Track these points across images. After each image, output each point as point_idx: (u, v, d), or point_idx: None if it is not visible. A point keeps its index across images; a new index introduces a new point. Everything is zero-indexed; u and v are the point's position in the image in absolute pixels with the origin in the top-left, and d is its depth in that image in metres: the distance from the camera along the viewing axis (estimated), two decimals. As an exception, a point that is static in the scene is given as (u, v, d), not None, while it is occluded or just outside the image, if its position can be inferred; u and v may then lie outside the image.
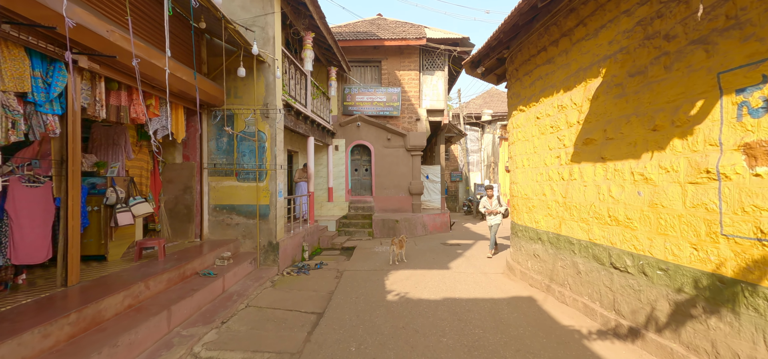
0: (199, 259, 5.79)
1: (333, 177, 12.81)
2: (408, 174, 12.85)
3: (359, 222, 11.98)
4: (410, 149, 12.74)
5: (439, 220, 13.00)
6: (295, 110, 8.56)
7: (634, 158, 4.07)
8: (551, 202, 5.72)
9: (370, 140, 12.90)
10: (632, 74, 4.08)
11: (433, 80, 12.91)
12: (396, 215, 12.41)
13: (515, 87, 6.98)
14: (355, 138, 12.91)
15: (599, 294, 4.63)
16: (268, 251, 7.30)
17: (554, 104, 5.63)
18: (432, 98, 12.89)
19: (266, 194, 7.33)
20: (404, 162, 12.85)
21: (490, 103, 26.03)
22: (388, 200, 12.89)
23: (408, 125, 12.92)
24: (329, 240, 10.41)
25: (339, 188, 12.87)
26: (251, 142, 7.32)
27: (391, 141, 12.84)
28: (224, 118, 7.35)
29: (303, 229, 9.15)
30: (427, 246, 10.32)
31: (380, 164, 12.89)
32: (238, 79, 7.31)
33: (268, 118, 7.33)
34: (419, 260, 8.55)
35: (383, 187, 12.91)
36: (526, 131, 6.54)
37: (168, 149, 7.15)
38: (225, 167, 7.37)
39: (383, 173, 12.90)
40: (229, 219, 7.37)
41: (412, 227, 12.04)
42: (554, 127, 5.63)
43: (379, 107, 12.78)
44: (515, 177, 7.09)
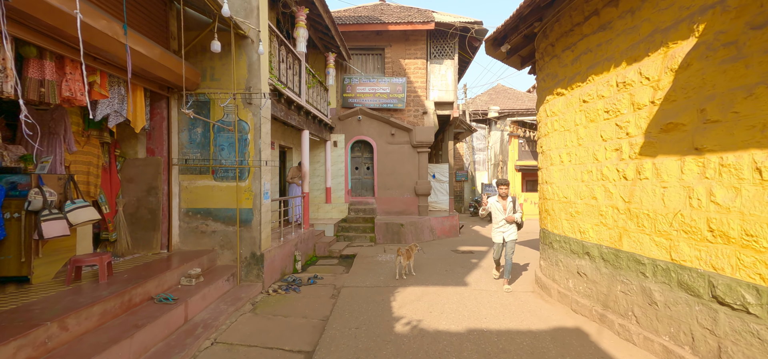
0: (157, 279, 4.51)
1: (331, 176, 11.52)
2: (414, 173, 11.56)
3: (360, 226, 10.70)
4: (416, 145, 11.45)
5: (447, 223, 11.71)
6: (286, 97, 7.27)
7: (760, 148, 2.78)
8: (606, 207, 4.43)
9: (372, 135, 11.61)
10: (758, 26, 2.79)
11: (441, 70, 11.62)
12: (401, 218, 11.13)
13: (550, 66, 5.69)
14: (356, 133, 11.63)
15: (691, 337, 3.33)
16: (250, 264, 6.02)
17: (611, 81, 4.33)
18: (440, 89, 11.60)
19: (249, 195, 6.05)
20: (410, 160, 11.56)
21: (496, 100, 24.72)
22: (391, 201, 11.61)
23: (414, 118, 11.63)
24: (326, 247, 9.13)
25: (338, 188, 11.59)
26: (231, 133, 6.04)
27: (395, 136, 11.55)
28: (199, 104, 6.06)
29: (296, 235, 7.87)
30: (436, 254, 9.03)
31: (383, 162, 11.61)
32: (216, 58, 6.04)
33: (251, 104, 6.04)
34: (430, 272, 7.26)
35: (386, 187, 11.63)
36: (567, 118, 5.24)
37: (129, 142, 5.87)
38: (199, 163, 6.09)
39: (386, 171, 11.61)
40: (204, 226, 6.08)
41: (419, 232, 10.75)
42: (612, 111, 4.33)
43: (382, 99, 11.50)
44: (549, 176, 5.79)
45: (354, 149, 11.95)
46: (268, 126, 6.41)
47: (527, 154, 17.74)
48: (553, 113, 5.61)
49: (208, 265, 5.74)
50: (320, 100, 10.40)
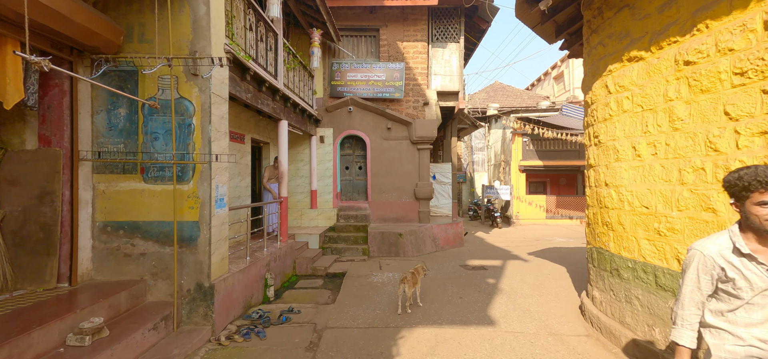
0: (20, 341, 2.69)
1: (317, 177, 9.73)
2: (413, 173, 9.84)
3: (351, 236, 8.92)
4: (416, 142, 9.73)
5: (451, 231, 10.01)
6: (254, 74, 5.49)
7: None
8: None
9: (365, 129, 9.86)
10: None
11: (444, 54, 9.93)
12: (398, 226, 9.39)
13: (616, 23, 4.01)
14: (346, 127, 9.86)
15: None
16: (195, 300, 4.21)
17: (750, 22, 2.67)
18: (444, 77, 9.91)
19: (194, 203, 4.25)
20: (408, 158, 9.84)
21: (494, 97, 23.23)
22: (387, 206, 9.87)
23: (413, 110, 9.92)
24: (309, 263, 7.34)
25: (325, 191, 9.80)
26: (169, 117, 4.24)
27: (392, 131, 9.81)
28: (122, 75, 4.25)
29: (268, 252, 6.07)
30: (443, 272, 7.31)
31: (378, 161, 9.87)
32: (147, 10, 4.23)
33: (197, 77, 4.25)
34: (441, 301, 5.52)
35: (382, 190, 9.88)
36: (649, 92, 3.57)
37: (12, 126, 4.02)
38: (122, 158, 4.27)
39: (382, 171, 9.87)
40: (130, 246, 4.25)
41: (420, 242, 9.03)
42: (753, 70, 2.67)
43: (376, 88, 9.76)
44: (612, 176, 4.12)
45: (344, 146, 10.18)
46: (224, 109, 4.61)
47: (532, 153, 16.19)
48: (621, 86, 3.94)
49: (128, 305, 3.91)
50: (304, 87, 8.62)
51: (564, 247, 10.56)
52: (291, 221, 9.43)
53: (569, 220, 16.00)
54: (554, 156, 16.04)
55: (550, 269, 7.62)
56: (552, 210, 16.15)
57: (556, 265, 8.00)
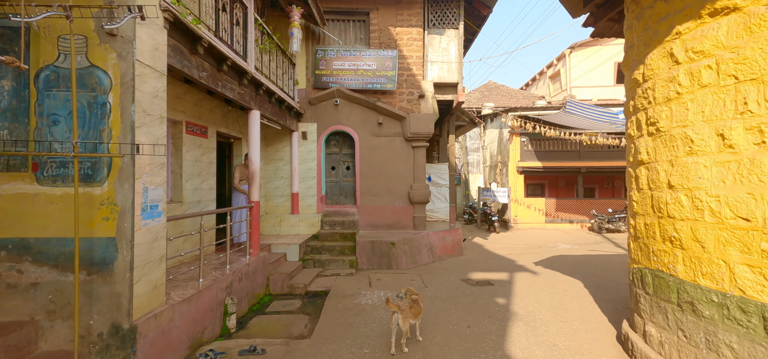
0: None
1: (299, 178, 8.52)
2: (407, 174, 8.70)
3: (337, 245, 7.72)
4: (411, 138, 8.60)
5: (449, 239, 8.89)
6: (209, 47, 4.28)
7: None
8: None
9: (353, 124, 8.69)
10: None
11: (442, 42, 8.83)
12: (391, 234, 8.23)
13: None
14: (332, 122, 8.68)
15: None
16: (109, 348, 2.98)
17: None
18: (441, 67, 8.80)
19: (109, 212, 3.02)
20: (402, 157, 8.70)
21: (488, 97, 22.29)
22: (378, 211, 8.70)
23: (407, 104, 8.79)
24: (286, 279, 6.12)
25: (308, 194, 8.59)
26: (72, 93, 3.00)
27: (383, 127, 8.66)
28: (5, 34, 3.01)
29: (231, 270, 4.85)
30: (444, 288, 6.17)
31: (368, 160, 8.70)
32: (44, -56, 3.00)
33: (115, 38, 3.04)
34: (444, 333, 4.36)
35: (372, 193, 8.71)
36: (751, 56, 2.49)
37: None
38: (5, 148, 3.03)
39: (372, 172, 8.71)
40: (16, 273, 3.01)
41: (415, 253, 7.88)
42: None
43: (366, 78, 8.60)
44: (680, 174, 3.03)
45: (330, 143, 8.99)
46: (158, 85, 3.39)
47: (530, 154, 15.22)
48: (697, 52, 2.85)
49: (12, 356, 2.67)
50: (283, 75, 7.42)
51: (570, 255, 9.54)
52: (268, 228, 8.19)
53: (570, 224, 15.06)
54: (554, 157, 15.09)
55: (564, 284, 6.55)
56: (552, 214, 15.20)
57: (569, 279, 6.94)
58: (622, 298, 5.75)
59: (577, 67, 19.01)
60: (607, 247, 10.90)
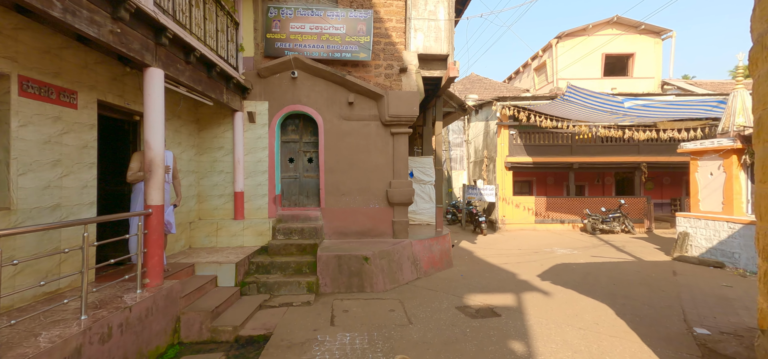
0: None
1: (244, 173, 6.47)
2: (385, 168, 6.83)
3: (291, 262, 5.74)
4: (390, 123, 6.72)
5: (437, 248, 7.11)
6: None
7: None
8: None
9: (316, 103, 6.72)
10: None
11: (428, 3, 6.99)
12: (364, 244, 6.34)
13: None
14: (289, 100, 6.67)
15: None
16: None
17: None
18: (427, 35, 6.97)
19: None
20: (379, 146, 6.82)
21: (471, 89, 20.82)
22: (349, 215, 6.78)
23: (385, 80, 6.91)
24: (208, 319, 4.10)
25: (257, 193, 6.56)
26: None
27: (355, 107, 6.74)
28: None
29: (89, 321, 2.81)
30: (436, 323, 4.36)
31: (336, 150, 6.76)
32: None
33: None
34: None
35: (340, 192, 6.79)
36: None
37: None
38: None
39: (341, 165, 6.78)
40: None
41: (395, 268, 6.03)
42: None
43: (333, 45, 6.65)
44: None
45: (286, 128, 6.98)
46: None
47: (519, 148, 13.73)
48: None
49: None
50: (218, 34, 5.36)
51: (574, 263, 8.02)
52: (200, 239, 6.11)
53: (561, 224, 13.70)
54: (545, 152, 13.67)
55: (590, 311, 4.89)
56: (542, 214, 13.79)
57: (591, 301, 5.32)
58: (676, 334, 4.16)
59: (563, 58, 17.77)
60: (607, 251, 9.51)
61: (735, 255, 7.54)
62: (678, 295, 5.69)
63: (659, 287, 6.14)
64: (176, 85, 4.46)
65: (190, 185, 6.12)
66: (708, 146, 8.25)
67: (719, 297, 5.55)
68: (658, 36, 17.26)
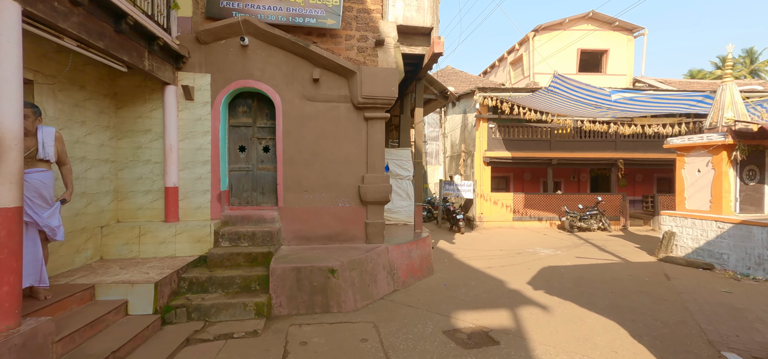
0: None
1: (179, 164, 5.11)
2: (357, 160, 5.70)
3: (237, 276, 4.49)
4: (364, 105, 5.59)
5: (417, 254, 6.11)
6: None
7: None
8: None
9: (273, 79, 5.46)
10: None
11: (410, -33, 5.91)
12: (330, 252, 5.20)
13: None
14: (239, 74, 5.36)
15: None
16: None
17: None
18: (408, 3, 5.88)
19: None
20: (350, 134, 5.67)
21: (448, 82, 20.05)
22: (312, 216, 5.60)
23: (358, 54, 5.76)
24: (100, 372, 2.83)
25: (195, 188, 5.22)
26: None
27: (321, 86, 5.55)
28: None
29: None
30: (417, 355, 3.36)
31: (297, 137, 5.55)
32: None
33: None
34: None
35: (303, 188, 5.59)
36: None
37: None
38: None
39: (304, 156, 5.57)
40: None
41: (368, 281, 4.95)
42: None
43: (294, 8, 5.41)
44: None
45: (236, 109, 5.67)
46: None
47: (498, 143, 13.07)
48: None
49: None
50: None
51: (561, 266, 7.36)
52: (116, 248, 4.71)
53: (539, 222, 13.22)
54: (524, 147, 13.10)
55: (602, 333, 4.07)
56: (520, 211, 13.24)
57: (599, 318, 4.53)
58: None
59: (539, 52, 17.37)
60: (590, 252, 8.98)
61: (724, 257, 7.14)
62: (684, 305, 5.06)
63: (659, 295, 5.50)
64: (56, 34, 3.09)
65: (103, 178, 4.70)
66: (696, 141, 7.81)
67: (727, 308, 4.97)
68: (631, 33, 17.26)
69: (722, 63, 7.75)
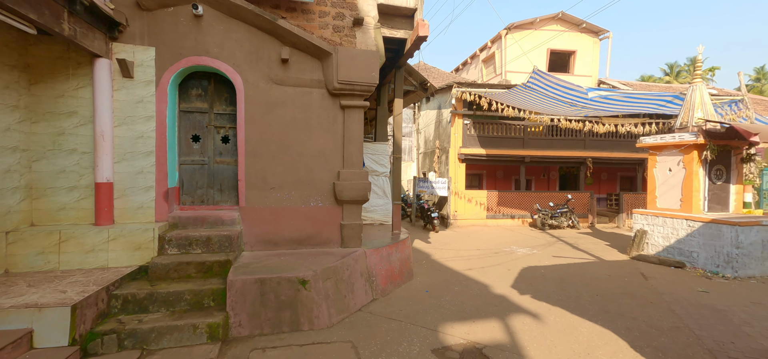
0: None
1: (114, 154, 4.20)
2: (332, 153, 5.04)
3: (186, 292, 3.71)
4: (340, 91, 4.93)
5: (396, 258, 5.57)
6: None
7: None
8: None
9: (234, 57, 4.65)
10: None
11: (392, -60, 5.30)
12: (299, 259, 4.53)
13: None
14: (191, 49, 4.51)
15: None
16: None
17: None
18: (390, -19, 5.29)
19: None
20: (324, 123, 5.00)
21: (420, 76, 19.68)
22: (280, 216, 4.88)
23: (334, 34, 5.09)
24: None
25: (136, 185, 4.33)
26: None
27: (291, 67, 4.83)
28: None
29: None
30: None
31: (263, 126, 4.79)
32: None
33: None
34: None
35: (269, 184, 4.85)
36: None
37: None
38: None
39: (270, 147, 4.83)
40: None
41: (345, 291, 4.34)
42: None
43: (259, -24, 4.64)
44: None
45: (188, 91, 4.82)
46: None
47: (473, 139, 12.85)
48: None
49: None
50: None
51: (542, 267, 7.17)
52: (28, 259, 3.75)
53: (511, 220, 13.20)
54: (498, 144, 12.98)
55: (600, 345, 3.76)
56: (493, 208, 13.13)
57: (593, 327, 4.24)
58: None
59: (511, 51, 17.43)
60: (565, 250, 8.94)
61: (693, 255, 7.24)
62: (670, 308, 4.93)
63: (643, 297, 5.37)
64: None
65: (10, 171, 3.72)
66: (669, 140, 7.89)
67: (711, 310, 4.89)
68: (597, 36, 17.76)
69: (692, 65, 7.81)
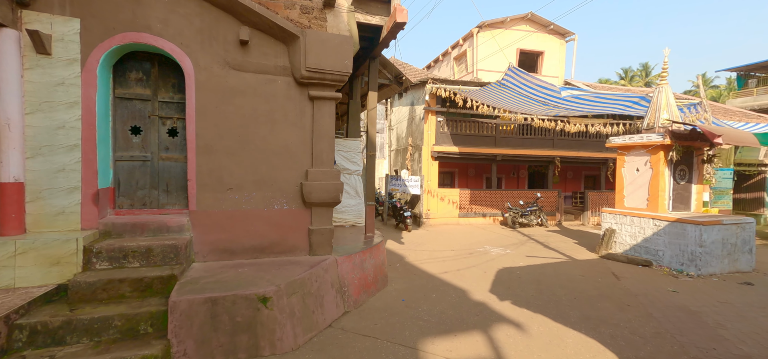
0: None
1: (25, 148, 3.41)
2: (300, 149, 4.48)
3: (115, 318, 3.04)
4: (309, 80, 4.37)
5: (370, 264, 5.12)
6: None
7: None
8: None
9: (182, 35, 3.96)
10: None
11: None
12: (261, 271, 3.95)
13: None
14: (128, 24, 3.77)
15: None
16: None
17: None
18: (365, -40, 4.80)
19: None
20: (290, 115, 4.43)
21: (392, 72, 19.31)
22: (238, 221, 4.26)
23: (301, 16, 4.52)
24: None
25: (56, 185, 3.55)
26: None
27: (251, 51, 4.21)
28: None
29: None
30: None
31: (217, 117, 4.14)
32: None
33: None
34: None
35: (226, 185, 4.21)
36: None
37: None
38: None
39: (227, 142, 4.19)
40: None
41: (313, 306, 3.83)
42: None
43: (212, -57, 3.98)
44: None
45: (126, 74, 4.06)
46: None
47: (446, 137, 12.66)
48: None
49: None
50: None
51: (517, 268, 7.05)
52: None
53: (483, 218, 13.18)
54: (471, 142, 12.88)
55: (585, 355, 3.55)
56: (466, 207, 13.05)
57: (578, 335, 4.05)
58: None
59: (485, 46, 17.48)
60: (537, 249, 8.95)
61: (659, 253, 7.40)
62: (647, 311, 4.88)
63: (620, 300, 5.31)
64: None
65: None
66: (637, 141, 8.03)
67: (686, 312, 4.89)
68: (563, 38, 18.23)
69: (663, 68, 7.99)
